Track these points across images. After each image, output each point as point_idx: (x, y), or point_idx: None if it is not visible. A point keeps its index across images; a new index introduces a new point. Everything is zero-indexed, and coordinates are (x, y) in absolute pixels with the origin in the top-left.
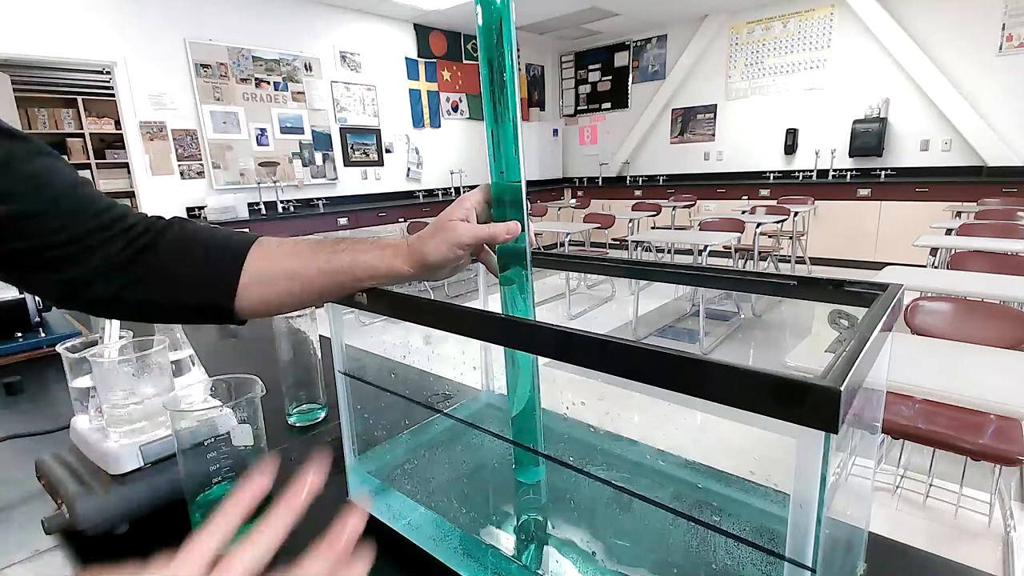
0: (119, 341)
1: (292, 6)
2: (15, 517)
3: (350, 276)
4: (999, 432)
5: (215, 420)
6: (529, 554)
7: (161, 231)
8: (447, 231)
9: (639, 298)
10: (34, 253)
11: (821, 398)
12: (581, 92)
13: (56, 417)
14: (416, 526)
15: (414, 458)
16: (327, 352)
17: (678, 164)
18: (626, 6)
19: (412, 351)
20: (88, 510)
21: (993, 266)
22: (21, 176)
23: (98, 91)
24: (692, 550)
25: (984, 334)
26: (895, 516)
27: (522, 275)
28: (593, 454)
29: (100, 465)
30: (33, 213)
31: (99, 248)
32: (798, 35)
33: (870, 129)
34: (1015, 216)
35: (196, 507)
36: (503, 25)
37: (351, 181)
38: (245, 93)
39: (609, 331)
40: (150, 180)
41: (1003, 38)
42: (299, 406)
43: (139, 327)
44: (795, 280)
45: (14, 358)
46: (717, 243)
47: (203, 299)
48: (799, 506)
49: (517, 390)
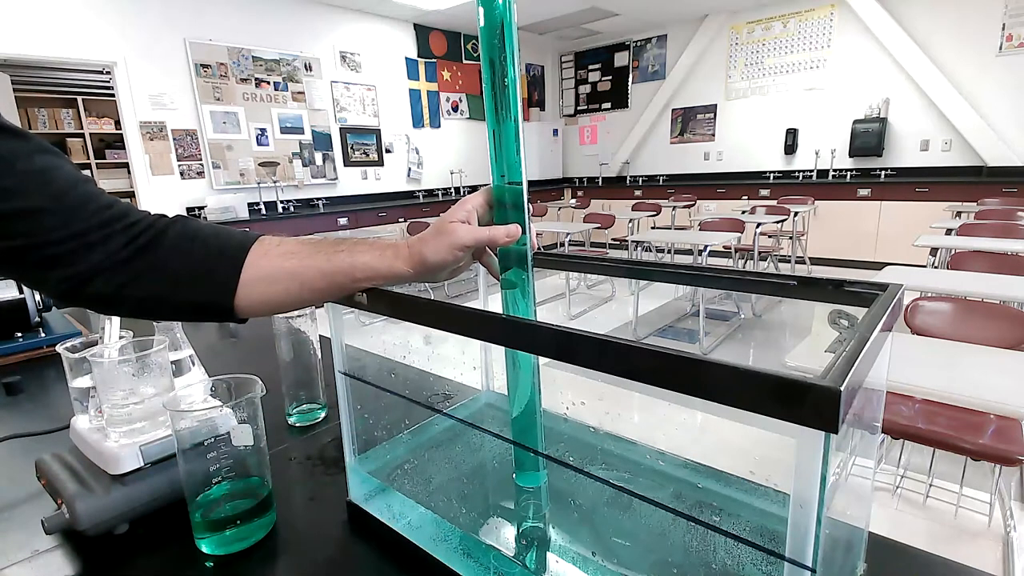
0: (119, 341)
1: (292, 6)
2: (15, 517)
3: (350, 277)
4: (999, 432)
5: (215, 420)
6: (529, 554)
7: (163, 229)
8: (447, 233)
9: (639, 298)
10: (35, 250)
11: (821, 398)
12: (581, 92)
13: (56, 417)
14: (416, 526)
15: (414, 458)
16: (327, 352)
17: (678, 164)
18: (626, 6)
19: (412, 351)
20: (88, 510)
21: (993, 266)
22: (23, 173)
23: (98, 91)
24: (692, 550)
25: (984, 334)
26: (895, 516)
27: (523, 277)
28: (593, 454)
29: (100, 465)
30: (35, 210)
31: (100, 245)
32: (798, 35)
33: (870, 129)
34: (1015, 216)
35: (196, 507)
36: (505, 27)
37: (351, 181)
38: (245, 93)
39: (609, 331)
40: (150, 180)
41: (1003, 38)
42: (299, 406)
43: (139, 327)
44: (795, 280)
45: (14, 358)
46: (717, 243)
47: (203, 297)
48: (799, 506)
49: (518, 391)
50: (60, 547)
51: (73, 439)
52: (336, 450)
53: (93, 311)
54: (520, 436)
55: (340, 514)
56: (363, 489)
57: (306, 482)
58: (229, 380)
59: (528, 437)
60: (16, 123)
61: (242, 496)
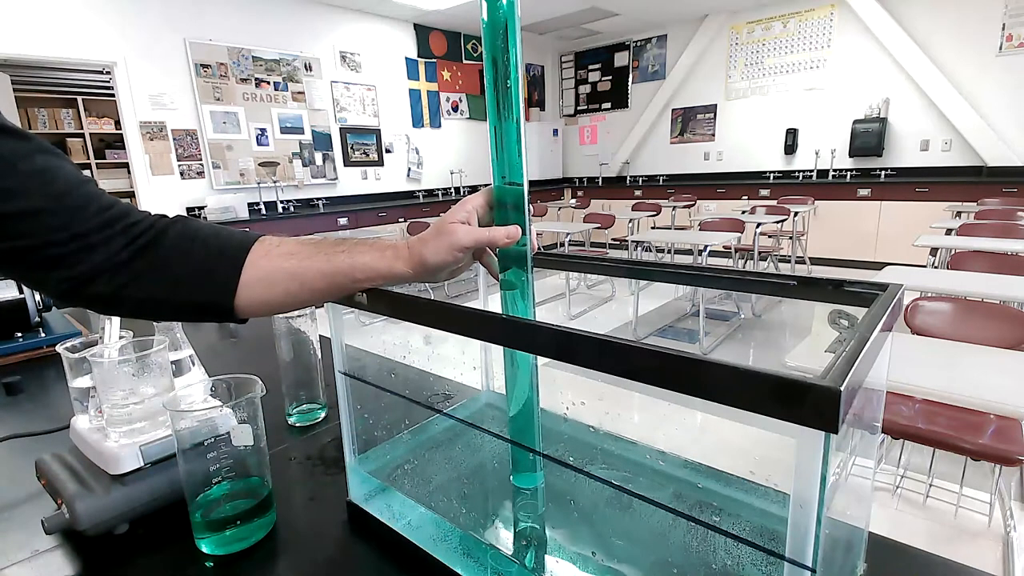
0: (119, 341)
1: (292, 6)
2: (15, 517)
3: (350, 277)
4: (999, 432)
5: (215, 420)
6: (529, 554)
7: (163, 229)
8: (447, 234)
9: (639, 298)
10: (36, 250)
11: (821, 398)
12: (581, 92)
13: (56, 417)
14: (416, 526)
15: (414, 458)
16: (327, 352)
17: (678, 164)
18: (626, 6)
19: (412, 351)
20: (88, 510)
21: (993, 266)
22: (24, 174)
23: (98, 91)
24: (692, 550)
25: (984, 334)
26: (895, 516)
27: (523, 279)
28: (593, 454)
29: (100, 465)
30: (35, 210)
31: (101, 245)
32: (798, 35)
33: (870, 129)
34: (1015, 216)
35: (196, 507)
36: (509, 28)
37: (351, 181)
38: (245, 93)
39: (609, 331)
40: (150, 180)
41: (1003, 38)
42: (299, 406)
43: (139, 327)
44: (795, 280)
45: (14, 358)
46: (717, 243)
47: (203, 298)
48: (799, 506)
49: (515, 390)
50: (60, 547)
51: (73, 439)
52: (336, 450)
53: (93, 311)
54: (517, 436)
55: (340, 514)
56: (363, 489)
57: (306, 482)
58: (229, 380)
59: (525, 437)
60: (16, 123)
61: (242, 496)
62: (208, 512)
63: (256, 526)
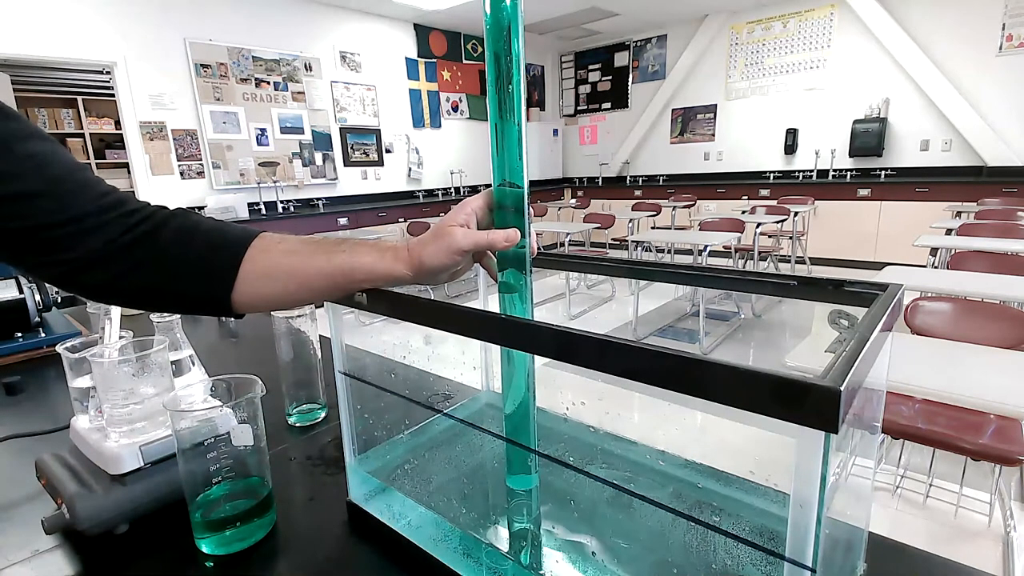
0: (119, 341)
1: (292, 6)
2: (15, 517)
3: (349, 277)
4: (999, 432)
5: (215, 420)
6: (529, 554)
7: (163, 220)
8: (446, 237)
9: (639, 298)
10: (31, 233)
11: (821, 398)
12: (581, 92)
13: (56, 417)
14: (416, 526)
15: (414, 458)
16: (327, 352)
17: (678, 164)
18: (626, 6)
19: (412, 351)
20: (88, 510)
21: (993, 266)
22: (19, 156)
23: (98, 91)
24: (692, 550)
25: (984, 334)
26: (895, 516)
27: (521, 282)
28: (593, 454)
29: (100, 465)
30: (31, 193)
31: (98, 231)
32: (798, 35)
33: (870, 129)
34: (1015, 216)
35: (196, 507)
36: (512, 28)
37: (351, 181)
38: (245, 93)
39: (609, 331)
40: (150, 180)
41: (1003, 38)
42: (299, 406)
43: (139, 327)
44: (795, 280)
45: (14, 358)
46: (717, 243)
47: (200, 291)
48: (799, 506)
49: (511, 388)
50: (60, 547)
51: (73, 439)
52: (336, 450)
53: (89, 299)
54: (513, 434)
55: (340, 514)
56: (363, 489)
57: (306, 482)
58: (229, 380)
59: (521, 435)
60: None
61: (242, 496)
62: (208, 512)
63: (256, 526)
